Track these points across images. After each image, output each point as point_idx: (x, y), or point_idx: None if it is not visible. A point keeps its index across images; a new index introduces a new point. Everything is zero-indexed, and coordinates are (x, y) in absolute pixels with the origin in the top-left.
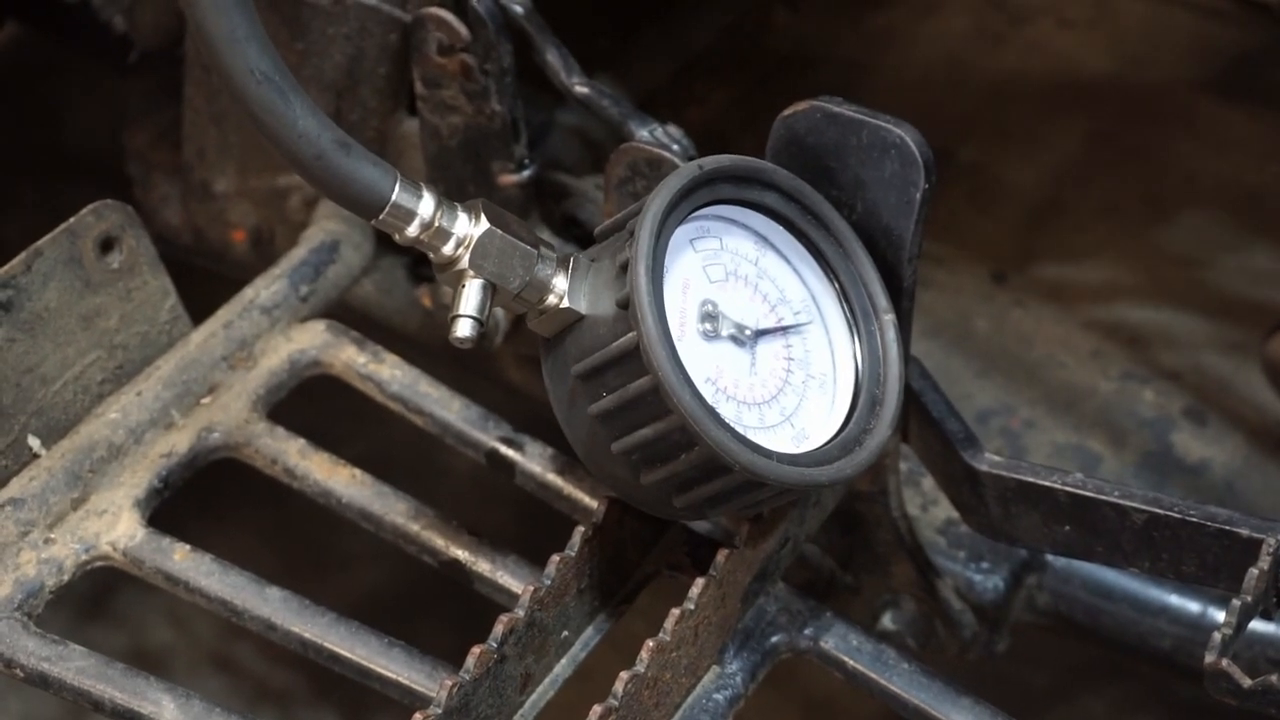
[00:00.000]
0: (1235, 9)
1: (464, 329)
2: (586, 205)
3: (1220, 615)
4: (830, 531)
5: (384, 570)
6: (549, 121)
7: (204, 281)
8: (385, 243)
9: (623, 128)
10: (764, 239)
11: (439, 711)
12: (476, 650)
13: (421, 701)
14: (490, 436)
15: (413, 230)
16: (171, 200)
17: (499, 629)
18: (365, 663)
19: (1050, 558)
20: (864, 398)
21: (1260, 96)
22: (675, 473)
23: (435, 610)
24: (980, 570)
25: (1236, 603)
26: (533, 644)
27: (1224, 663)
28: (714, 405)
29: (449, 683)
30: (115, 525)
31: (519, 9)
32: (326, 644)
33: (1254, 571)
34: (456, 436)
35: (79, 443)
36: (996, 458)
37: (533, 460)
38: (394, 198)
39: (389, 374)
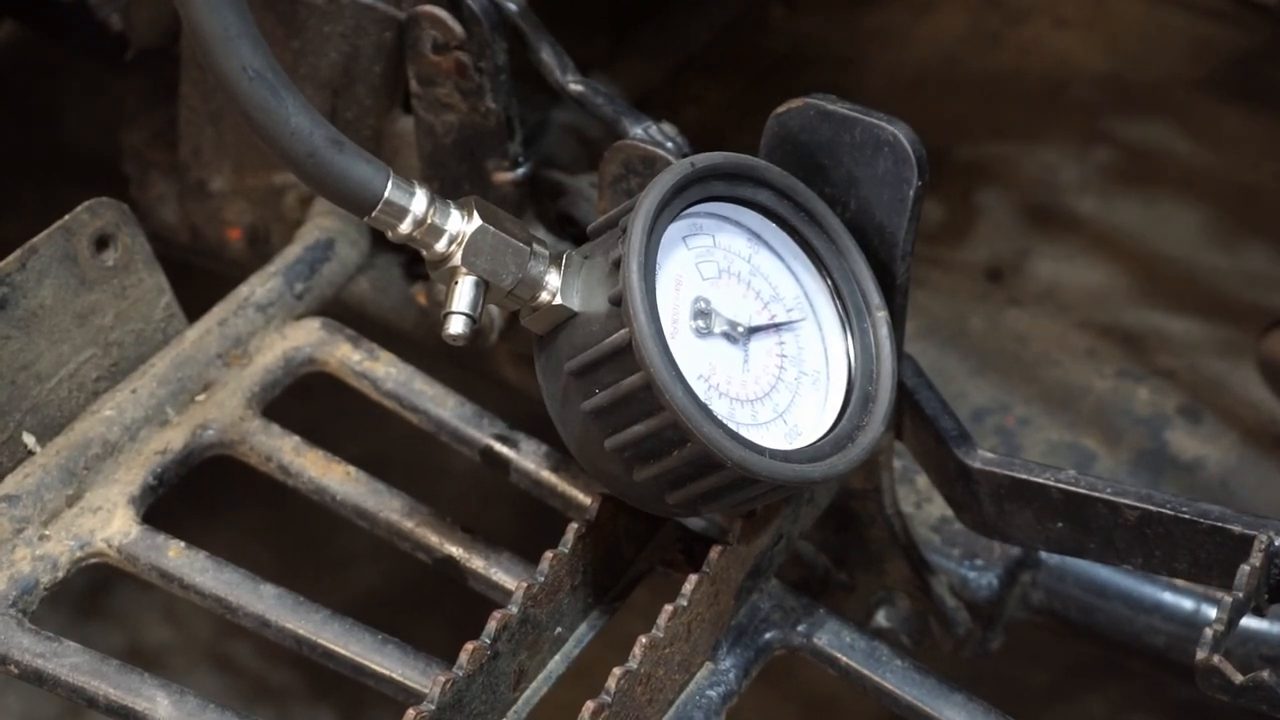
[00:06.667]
0: (1232, 8)
1: (456, 326)
2: (581, 203)
3: (1213, 612)
4: (824, 529)
5: (382, 569)
6: (544, 119)
7: (201, 280)
8: (381, 241)
9: (617, 125)
10: (757, 236)
11: (432, 708)
12: (469, 646)
13: (415, 698)
14: (485, 434)
15: (405, 227)
16: (168, 199)
17: (492, 625)
18: (359, 659)
19: (1044, 555)
20: (857, 394)
21: (1257, 95)
22: (668, 469)
23: (434, 609)
24: (974, 568)
25: (1228, 599)
26: (526, 640)
27: (1215, 659)
28: (706, 402)
29: (442, 679)
30: (110, 522)
31: (513, 7)
32: (320, 640)
33: (1245, 568)
34: (451, 434)
35: (74, 440)
36: (990, 455)
37: (527, 457)
38: (386, 194)
39: (384, 371)
